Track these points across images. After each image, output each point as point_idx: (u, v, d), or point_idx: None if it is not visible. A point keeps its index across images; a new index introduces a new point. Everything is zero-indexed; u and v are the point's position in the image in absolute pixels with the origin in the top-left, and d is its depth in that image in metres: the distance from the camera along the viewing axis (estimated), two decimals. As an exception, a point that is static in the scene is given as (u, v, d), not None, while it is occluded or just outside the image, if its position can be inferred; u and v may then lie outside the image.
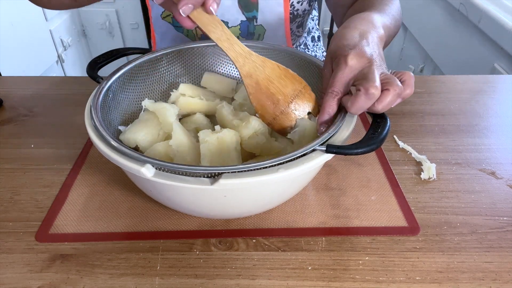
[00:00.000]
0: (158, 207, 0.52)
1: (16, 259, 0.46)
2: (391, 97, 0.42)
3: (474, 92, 0.77)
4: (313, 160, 0.41)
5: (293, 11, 0.76)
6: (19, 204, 0.53)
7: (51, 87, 0.79)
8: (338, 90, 0.45)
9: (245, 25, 0.76)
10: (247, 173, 0.39)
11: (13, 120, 0.69)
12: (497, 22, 1.14)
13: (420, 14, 1.72)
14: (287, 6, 0.74)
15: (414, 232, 0.49)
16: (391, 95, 0.42)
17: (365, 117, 0.69)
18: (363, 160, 0.60)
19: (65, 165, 0.59)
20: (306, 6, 0.77)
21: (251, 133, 0.52)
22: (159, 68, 0.61)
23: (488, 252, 0.47)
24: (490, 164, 0.59)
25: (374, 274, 0.44)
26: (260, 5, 0.73)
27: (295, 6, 0.75)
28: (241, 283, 0.44)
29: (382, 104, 0.42)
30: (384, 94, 0.42)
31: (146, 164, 0.39)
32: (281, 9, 0.74)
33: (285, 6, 0.74)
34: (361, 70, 0.44)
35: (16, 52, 1.51)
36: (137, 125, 0.53)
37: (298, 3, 0.75)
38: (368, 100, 0.42)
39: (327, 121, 0.46)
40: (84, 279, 0.44)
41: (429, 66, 1.68)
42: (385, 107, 0.42)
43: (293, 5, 0.75)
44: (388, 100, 0.42)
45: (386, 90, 0.42)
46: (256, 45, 0.62)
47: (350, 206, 0.52)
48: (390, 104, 0.43)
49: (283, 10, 0.74)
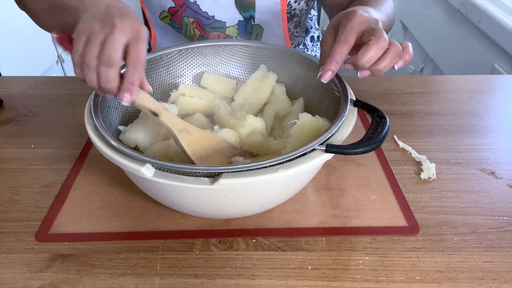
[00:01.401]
0: (158, 207, 0.52)
1: (16, 259, 0.46)
2: (393, 54, 0.44)
3: (474, 92, 0.77)
4: (313, 160, 0.41)
5: (290, 11, 0.76)
6: (19, 204, 0.53)
7: (51, 87, 0.79)
8: (349, 39, 0.45)
9: (242, 25, 0.76)
10: (246, 173, 0.39)
11: (13, 120, 0.69)
12: (497, 22, 1.14)
13: (420, 14, 1.72)
14: (284, 5, 0.74)
15: (414, 232, 0.49)
16: (393, 52, 0.44)
17: (365, 117, 0.70)
18: (363, 160, 0.60)
19: (65, 165, 0.59)
20: (303, 5, 0.77)
21: (249, 132, 0.52)
22: (159, 68, 0.61)
23: (488, 252, 0.47)
24: (490, 164, 0.59)
25: (374, 274, 0.44)
26: (257, 5, 0.73)
27: (292, 5, 0.75)
28: (241, 283, 0.44)
29: (386, 60, 0.44)
30: (388, 50, 0.44)
31: (146, 164, 0.39)
32: (278, 8, 0.74)
33: (282, 6, 0.74)
34: (369, 25, 0.46)
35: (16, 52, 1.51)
36: (137, 125, 0.53)
37: (295, 2, 0.75)
38: (379, 49, 0.43)
39: (332, 71, 0.46)
40: (84, 279, 0.44)
41: (429, 66, 1.68)
42: (387, 64, 0.45)
43: (290, 4, 0.75)
44: (391, 55, 0.44)
45: (388, 48, 0.44)
46: (255, 45, 0.62)
47: (350, 206, 0.52)
48: (393, 61, 0.45)
49: (280, 10, 0.74)
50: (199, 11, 0.73)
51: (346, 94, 0.49)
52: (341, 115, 0.46)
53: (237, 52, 0.63)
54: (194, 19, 0.75)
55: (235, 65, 0.64)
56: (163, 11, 0.76)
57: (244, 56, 0.64)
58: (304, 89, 0.60)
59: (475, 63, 1.31)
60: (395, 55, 0.45)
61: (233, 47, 0.63)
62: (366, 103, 0.48)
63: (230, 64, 0.65)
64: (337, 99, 0.50)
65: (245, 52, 0.63)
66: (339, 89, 0.51)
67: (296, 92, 0.62)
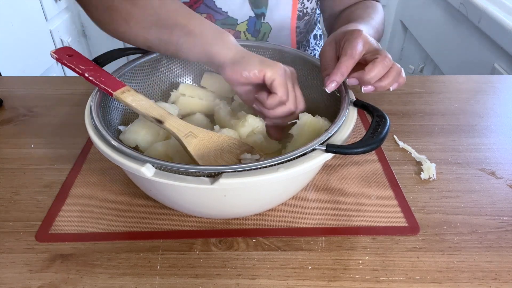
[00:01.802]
0: (158, 207, 0.52)
1: (16, 259, 0.46)
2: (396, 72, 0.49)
3: (474, 92, 0.77)
4: (313, 160, 0.41)
5: (302, 9, 0.77)
6: (19, 204, 0.53)
7: (51, 87, 0.79)
8: (355, 54, 0.48)
9: (252, 22, 0.76)
10: (247, 173, 0.39)
11: (13, 120, 0.69)
12: (497, 22, 1.14)
13: (420, 14, 1.72)
14: (296, 4, 0.74)
15: (414, 232, 0.49)
16: (395, 71, 0.49)
17: (365, 117, 0.70)
18: (363, 160, 0.60)
19: (65, 165, 0.59)
20: (314, 4, 0.78)
21: (249, 132, 0.52)
22: (159, 68, 0.61)
23: (488, 252, 0.47)
24: (490, 164, 0.59)
25: (374, 274, 0.44)
26: (270, 2, 0.74)
27: (305, 4, 0.76)
28: (241, 282, 0.44)
29: (389, 77, 0.48)
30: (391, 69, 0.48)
31: (146, 164, 0.39)
32: (289, 7, 0.75)
33: (293, 4, 0.74)
34: (372, 45, 0.50)
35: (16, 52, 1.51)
36: (137, 125, 0.53)
37: (308, 1, 0.76)
38: (384, 67, 0.47)
39: (337, 82, 0.48)
40: (84, 279, 0.44)
41: (429, 66, 1.68)
42: (390, 82, 0.49)
43: (303, 3, 0.76)
44: (394, 73, 0.48)
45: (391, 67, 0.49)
46: (255, 45, 0.62)
47: (350, 206, 0.52)
48: (395, 79, 0.49)
49: (291, 8, 0.75)
50: (213, 7, 0.73)
51: (346, 94, 0.49)
52: (341, 115, 0.46)
53: (237, 52, 0.63)
54: (207, 15, 0.75)
55: (235, 65, 0.64)
56: None
57: (244, 56, 0.63)
58: (304, 89, 0.60)
59: (475, 63, 1.31)
60: (397, 74, 0.49)
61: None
62: (366, 103, 0.48)
63: (230, 64, 0.64)
64: (337, 99, 0.50)
65: (245, 52, 0.63)
66: (339, 89, 0.51)
67: (296, 92, 0.62)
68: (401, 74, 0.50)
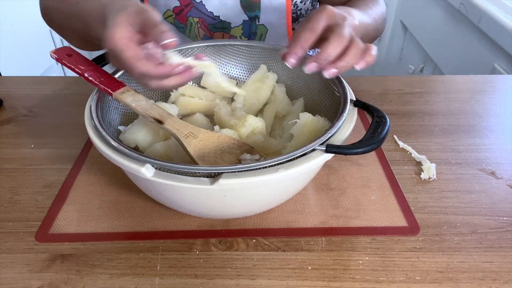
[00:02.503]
0: (158, 207, 0.52)
1: (16, 259, 0.46)
2: (354, 51, 0.44)
3: (474, 92, 0.77)
4: (313, 160, 0.41)
5: (296, 11, 0.76)
6: (19, 204, 0.53)
7: (51, 87, 0.79)
8: (316, 28, 0.45)
9: (247, 25, 0.76)
10: (246, 173, 0.39)
11: (13, 120, 0.69)
12: (497, 22, 1.14)
13: (420, 14, 1.72)
14: (289, 5, 0.74)
15: (414, 232, 0.49)
16: (353, 49, 0.44)
17: (365, 117, 0.69)
18: (363, 160, 0.60)
19: (65, 165, 0.59)
20: (309, 5, 0.78)
21: (249, 132, 0.52)
22: (159, 68, 0.61)
23: (488, 252, 0.47)
24: (490, 164, 0.59)
25: (374, 274, 0.44)
26: (262, 5, 0.73)
27: (299, 5, 0.76)
28: (241, 283, 0.44)
29: (346, 57, 0.44)
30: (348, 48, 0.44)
31: (146, 164, 0.39)
32: (283, 8, 0.74)
33: (287, 6, 0.74)
34: (335, 20, 0.45)
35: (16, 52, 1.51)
36: (137, 125, 0.53)
37: (301, 2, 0.76)
38: (338, 45, 0.43)
39: (298, 55, 0.45)
40: (84, 279, 0.44)
41: (429, 66, 1.68)
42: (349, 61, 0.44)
43: (296, 4, 0.75)
44: (352, 52, 0.44)
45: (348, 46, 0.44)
46: (255, 45, 0.62)
47: (350, 206, 0.52)
48: (354, 59, 0.44)
49: (285, 10, 0.75)
50: (204, 11, 0.73)
51: (346, 94, 0.49)
52: (341, 115, 0.46)
53: (237, 52, 0.63)
54: (199, 19, 0.75)
55: (235, 65, 0.64)
56: (167, 10, 0.76)
57: (244, 56, 0.64)
58: (304, 89, 0.60)
59: (475, 63, 1.31)
60: (359, 51, 0.44)
61: (233, 47, 0.63)
62: (366, 103, 0.48)
63: (230, 64, 0.65)
64: (337, 99, 0.50)
65: (245, 52, 0.63)
66: (339, 89, 0.51)
67: (296, 92, 0.62)
68: (369, 52, 0.45)
